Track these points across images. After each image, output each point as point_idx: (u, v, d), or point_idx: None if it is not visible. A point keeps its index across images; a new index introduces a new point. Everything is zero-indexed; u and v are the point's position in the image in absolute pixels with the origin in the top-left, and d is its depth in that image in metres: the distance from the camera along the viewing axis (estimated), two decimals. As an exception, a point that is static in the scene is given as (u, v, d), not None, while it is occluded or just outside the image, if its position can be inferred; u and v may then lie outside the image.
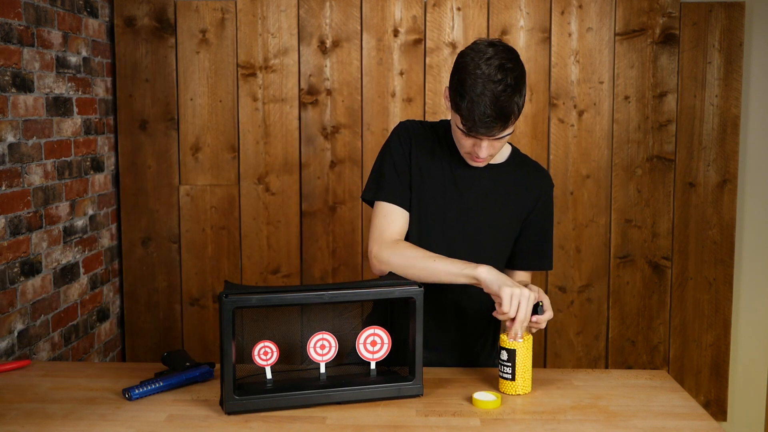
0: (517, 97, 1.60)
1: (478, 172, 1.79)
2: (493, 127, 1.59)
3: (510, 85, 1.58)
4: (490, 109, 1.57)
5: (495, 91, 1.57)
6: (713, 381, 3.14)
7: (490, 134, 1.61)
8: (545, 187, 1.85)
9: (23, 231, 2.35)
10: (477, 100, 1.57)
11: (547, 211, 1.87)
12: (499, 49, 1.63)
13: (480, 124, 1.59)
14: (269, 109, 3.04)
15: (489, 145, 1.65)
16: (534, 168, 1.87)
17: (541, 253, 1.87)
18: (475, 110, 1.57)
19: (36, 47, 2.42)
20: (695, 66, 3.01)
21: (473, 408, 1.53)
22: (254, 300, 1.49)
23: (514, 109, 1.59)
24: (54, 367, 1.82)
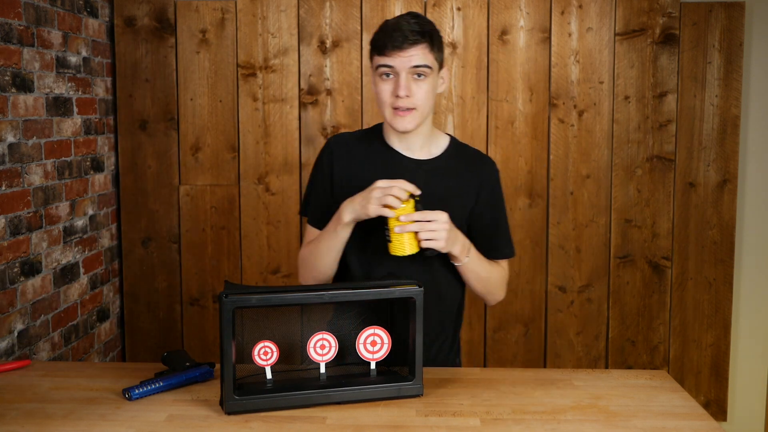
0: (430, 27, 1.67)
1: (413, 167, 1.75)
2: (406, 41, 1.62)
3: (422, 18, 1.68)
4: (403, 25, 1.64)
5: (407, 18, 1.66)
6: (713, 381, 3.14)
7: (402, 49, 1.62)
8: (487, 174, 1.80)
9: (23, 231, 2.35)
10: (391, 24, 1.66)
11: (493, 199, 1.81)
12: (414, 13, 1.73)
13: (394, 38, 1.63)
14: (269, 109, 3.04)
15: (407, 80, 1.64)
16: (473, 155, 1.82)
17: (494, 244, 1.82)
18: (388, 28, 1.66)
19: (36, 47, 2.42)
20: (695, 66, 3.01)
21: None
22: (254, 300, 1.49)
23: (428, 30, 1.65)
24: (54, 367, 1.82)
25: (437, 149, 1.80)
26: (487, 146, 3.03)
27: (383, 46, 1.65)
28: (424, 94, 1.67)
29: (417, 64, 1.64)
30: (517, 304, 3.10)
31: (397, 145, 1.78)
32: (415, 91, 1.66)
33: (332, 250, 1.73)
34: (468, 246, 1.71)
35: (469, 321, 3.09)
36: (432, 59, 1.66)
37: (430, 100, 1.69)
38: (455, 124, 3.02)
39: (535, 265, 3.08)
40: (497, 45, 3.00)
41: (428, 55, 1.65)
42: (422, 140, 1.77)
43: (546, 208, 3.06)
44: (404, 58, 1.64)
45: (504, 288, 1.86)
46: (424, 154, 1.78)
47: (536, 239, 3.07)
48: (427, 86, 1.67)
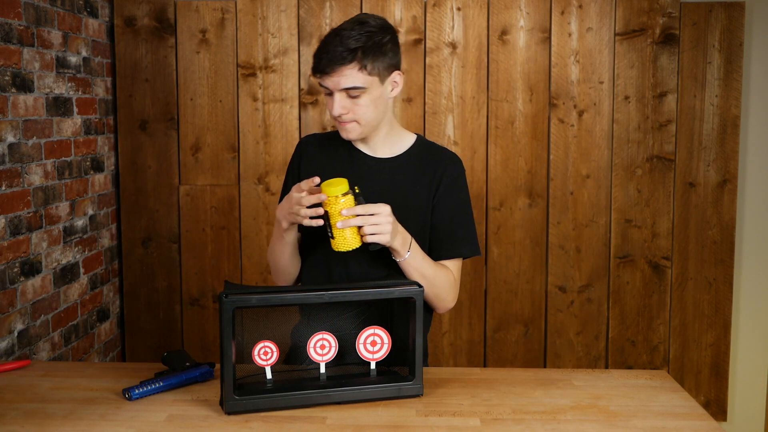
0: (365, 41, 1.63)
1: (376, 166, 1.77)
2: (330, 64, 1.62)
3: (357, 28, 1.64)
4: (331, 45, 1.63)
5: (341, 33, 1.64)
6: (713, 381, 3.14)
7: (328, 74, 1.63)
8: (447, 168, 1.77)
9: (23, 231, 2.35)
10: (326, 41, 1.65)
11: (452, 195, 1.77)
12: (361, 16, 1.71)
13: (322, 61, 1.63)
14: (269, 109, 3.04)
15: (341, 98, 1.65)
16: (437, 153, 1.81)
17: (453, 240, 1.77)
18: (320, 48, 1.65)
19: (36, 47, 2.42)
20: (695, 66, 3.01)
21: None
22: (254, 300, 1.49)
23: (359, 47, 1.62)
24: (54, 367, 1.82)
25: (401, 148, 1.80)
26: (487, 146, 3.03)
27: (314, 68, 1.67)
28: (363, 109, 1.67)
29: (345, 87, 1.64)
30: (517, 304, 3.10)
31: (361, 146, 1.80)
32: (352, 107, 1.67)
33: (285, 253, 1.76)
34: (409, 241, 1.67)
35: (469, 321, 3.09)
36: (364, 78, 1.64)
37: (370, 112, 1.69)
38: (455, 124, 3.02)
39: (535, 265, 3.08)
40: (497, 45, 3.00)
41: (358, 75, 1.63)
42: (382, 141, 1.78)
43: (546, 208, 3.06)
44: (333, 80, 1.65)
45: (452, 293, 1.77)
46: (386, 152, 1.79)
47: (536, 239, 3.07)
48: (364, 101, 1.67)
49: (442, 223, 1.77)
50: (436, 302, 1.76)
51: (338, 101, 1.66)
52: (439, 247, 1.77)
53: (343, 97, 1.66)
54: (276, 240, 1.76)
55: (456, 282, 1.77)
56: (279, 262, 1.80)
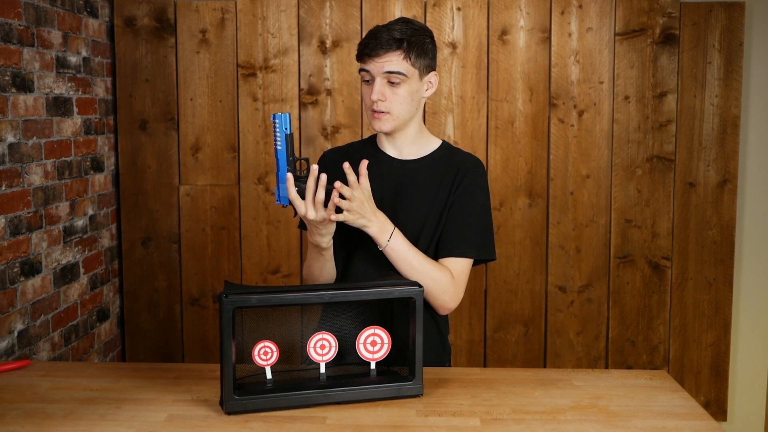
0: (411, 34, 1.70)
1: (399, 167, 1.80)
2: (378, 47, 1.68)
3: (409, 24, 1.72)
4: (382, 32, 1.70)
5: (391, 25, 1.72)
6: (713, 381, 3.14)
7: (375, 56, 1.69)
8: (466, 170, 1.79)
9: (23, 231, 2.35)
10: (374, 31, 1.72)
11: (470, 196, 1.78)
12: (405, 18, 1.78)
13: (369, 44, 1.70)
14: (269, 109, 3.04)
15: (381, 83, 1.70)
16: (460, 156, 1.84)
17: (459, 239, 1.76)
18: (369, 34, 1.72)
19: (36, 47, 2.42)
20: (695, 66, 3.01)
21: (472, 410, 1.53)
22: (254, 300, 1.49)
23: (406, 38, 1.69)
24: (54, 367, 1.82)
25: (426, 151, 1.83)
26: (487, 146, 3.03)
27: (360, 52, 1.73)
28: (399, 99, 1.72)
29: (389, 70, 1.69)
30: (517, 304, 3.10)
31: (387, 148, 1.84)
32: (390, 96, 1.72)
33: (325, 267, 1.79)
34: (390, 229, 1.69)
35: (469, 321, 3.09)
36: (407, 66, 1.70)
37: (406, 104, 1.73)
38: (455, 124, 3.02)
39: (535, 265, 3.08)
40: (497, 45, 3.00)
41: (402, 63, 1.70)
42: (409, 142, 1.82)
43: (546, 208, 3.06)
44: (378, 63, 1.70)
45: (450, 293, 1.75)
46: (412, 154, 1.83)
47: (536, 239, 3.07)
48: (402, 92, 1.72)
49: (452, 223, 1.78)
50: (430, 300, 1.75)
51: (378, 86, 1.71)
52: (443, 245, 1.77)
53: (383, 83, 1.71)
54: (314, 259, 1.78)
55: (455, 282, 1.75)
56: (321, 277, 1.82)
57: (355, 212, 1.64)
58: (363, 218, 1.66)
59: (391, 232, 1.69)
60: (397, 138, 1.81)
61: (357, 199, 1.63)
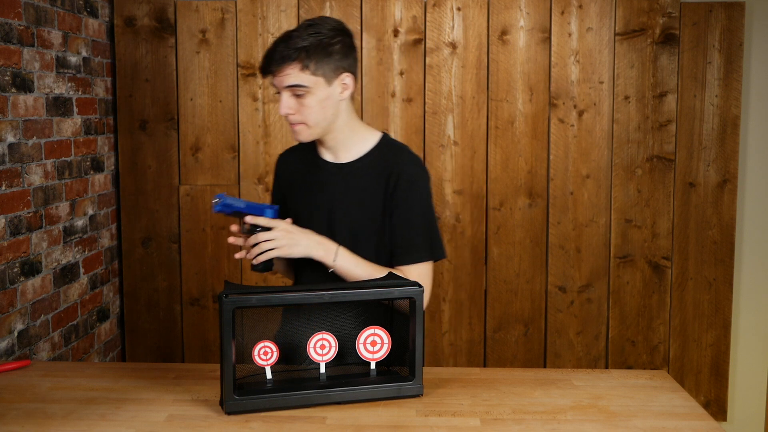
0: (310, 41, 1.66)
1: (336, 172, 1.78)
2: (272, 64, 1.66)
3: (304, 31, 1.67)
4: (276, 44, 1.67)
5: (287, 34, 1.68)
6: (713, 381, 3.14)
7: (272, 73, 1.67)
8: (404, 169, 1.74)
9: (23, 231, 2.35)
10: (274, 43, 1.69)
11: (406, 197, 1.73)
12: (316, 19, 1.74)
13: (265, 61, 1.68)
14: (269, 109, 3.04)
15: (286, 97, 1.68)
16: (396, 154, 1.78)
17: (403, 245, 1.73)
18: (269, 49, 1.69)
19: (36, 47, 2.42)
20: (695, 66, 3.01)
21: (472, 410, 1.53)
22: (254, 300, 1.49)
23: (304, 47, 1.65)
24: (54, 367, 1.82)
25: (362, 150, 1.79)
26: (487, 146, 3.03)
27: (261, 68, 1.71)
28: (309, 110, 1.69)
29: (289, 85, 1.67)
30: (517, 304, 3.10)
31: (323, 153, 1.82)
32: (298, 107, 1.70)
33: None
34: (334, 249, 1.68)
35: (469, 321, 3.09)
36: (307, 77, 1.66)
37: (318, 113, 1.70)
38: (455, 124, 3.02)
39: (535, 265, 3.08)
40: (497, 45, 3.00)
41: (300, 75, 1.65)
42: (341, 145, 1.78)
43: (546, 208, 3.06)
44: (277, 78, 1.68)
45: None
46: (348, 156, 1.79)
47: (536, 239, 3.07)
48: (310, 102, 1.68)
49: (398, 228, 1.73)
50: None
51: (284, 100, 1.70)
52: (397, 254, 1.74)
53: (288, 96, 1.69)
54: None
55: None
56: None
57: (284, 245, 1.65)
58: (299, 245, 1.66)
59: (335, 251, 1.68)
60: (327, 142, 1.78)
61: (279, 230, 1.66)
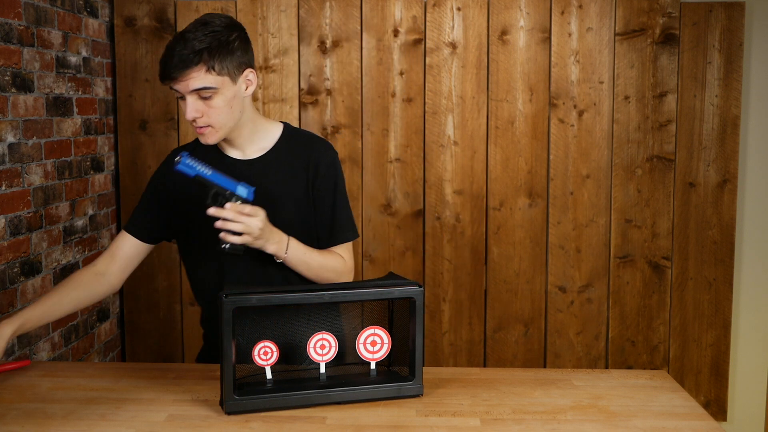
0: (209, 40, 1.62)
1: (246, 169, 1.76)
2: (175, 69, 1.60)
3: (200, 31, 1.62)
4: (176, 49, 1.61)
5: (188, 34, 1.62)
6: (713, 381, 3.14)
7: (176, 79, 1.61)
8: (317, 156, 1.77)
9: (23, 231, 2.35)
10: (169, 47, 1.63)
11: (327, 182, 1.78)
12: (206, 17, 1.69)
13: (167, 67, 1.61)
14: (269, 109, 3.04)
15: (193, 101, 1.63)
16: (304, 140, 1.80)
17: (334, 229, 1.79)
18: (165, 54, 1.63)
19: (36, 47, 2.42)
20: (695, 66, 3.01)
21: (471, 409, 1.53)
22: (254, 300, 1.49)
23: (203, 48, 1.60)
24: (54, 367, 1.82)
25: (269, 143, 1.79)
26: (487, 146, 3.03)
27: (161, 75, 1.65)
28: (217, 111, 1.66)
29: (195, 88, 1.63)
30: (517, 304, 3.10)
31: (229, 151, 1.80)
32: (205, 110, 1.66)
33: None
34: (285, 241, 1.68)
35: (469, 321, 3.09)
36: (213, 78, 1.63)
37: (226, 114, 1.68)
38: (455, 124, 3.02)
39: (535, 265, 3.08)
40: (497, 45, 3.00)
41: (206, 77, 1.62)
42: (247, 141, 1.78)
43: (546, 208, 3.06)
44: (182, 83, 1.63)
45: (346, 276, 1.80)
46: (254, 151, 1.79)
47: (536, 239, 3.07)
48: (218, 103, 1.66)
49: (325, 213, 1.78)
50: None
51: (191, 105, 1.64)
52: (327, 236, 1.78)
53: (195, 100, 1.64)
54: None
55: (348, 265, 1.80)
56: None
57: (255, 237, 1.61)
58: (265, 240, 1.64)
59: (286, 242, 1.68)
60: (234, 141, 1.77)
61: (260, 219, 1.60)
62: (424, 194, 3.05)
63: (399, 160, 3.02)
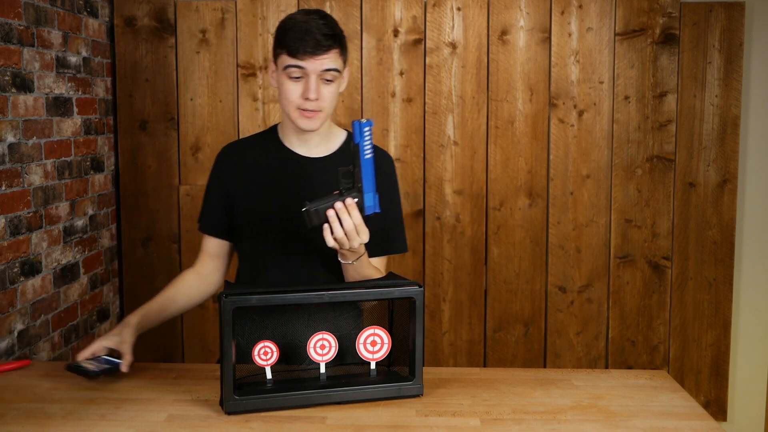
0: (339, 29, 1.68)
1: (309, 165, 1.77)
2: (319, 46, 1.62)
3: (330, 19, 1.68)
4: (313, 27, 1.63)
5: (317, 20, 1.65)
6: (713, 381, 3.14)
7: (315, 55, 1.62)
8: (381, 166, 1.77)
9: (23, 231, 2.35)
10: (302, 25, 1.64)
11: (388, 191, 1.78)
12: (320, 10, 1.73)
13: (307, 41, 1.62)
14: (269, 109, 3.04)
15: (317, 82, 1.65)
16: None
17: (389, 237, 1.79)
18: (298, 29, 1.64)
19: (36, 47, 2.42)
20: (695, 66, 3.01)
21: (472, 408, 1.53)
22: (254, 300, 1.49)
23: (338, 33, 1.66)
24: (54, 367, 1.82)
25: (334, 145, 1.81)
26: (487, 146, 3.03)
27: (295, 49, 1.64)
28: (331, 96, 1.69)
29: (328, 68, 1.66)
30: (517, 304, 3.10)
31: (295, 145, 1.80)
32: (323, 93, 1.68)
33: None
34: (362, 253, 1.67)
35: (469, 321, 3.09)
36: (341, 63, 1.69)
37: (334, 101, 1.72)
38: (455, 124, 3.02)
39: (535, 265, 3.08)
40: (497, 45, 3.00)
41: (338, 59, 1.68)
42: (320, 138, 1.79)
43: (546, 208, 3.06)
44: (317, 61, 1.64)
45: None
46: (320, 151, 1.80)
47: (536, 239, 3.07)
48: (334, 89, 1.69)
49: (380, 222, 1.76)
50: None
51: (314, 84, 1.66)
52: (376, 245, 1.76)
53: (317, 80, 1.66)
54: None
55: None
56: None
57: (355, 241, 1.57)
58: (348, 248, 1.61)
59: (362, 254, 1.67)
60: (308, 135, 1.77)
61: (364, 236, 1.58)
62: (424, 194, 3.05)
63: (399, 160, 3.02)
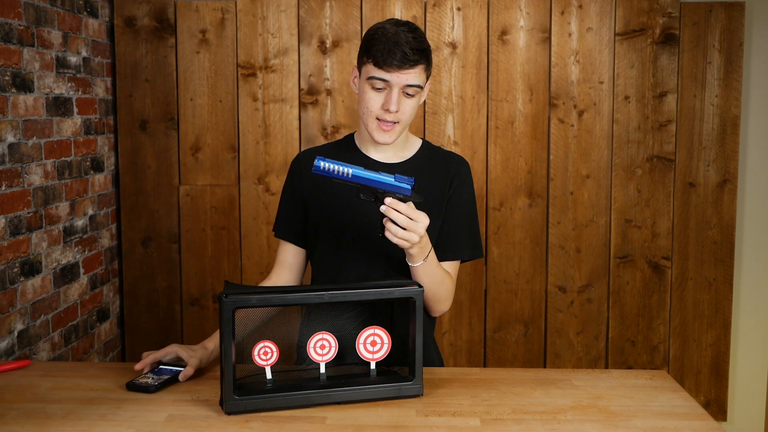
0: (427, 44, 1.67)
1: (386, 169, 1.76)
2: (407, 61, 1.62)
3: (419, 33, 1.67)
4: (402, 41, 1.63)
5: (406, 33, 1.65)
6: (713, 381, 3.14)
7: (401, 69, 1.63)
8: (459, 170, 1.80)
9: (23, 231, 2.35)
10: (391, 37, 1.64)
11: (462, 196, 1.80)
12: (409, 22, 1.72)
13: (395, 54, 1.62)
14: (269, 109, 3.04)
15: (399, 95, 1.66)
16: (444, 155, 1.84)
17: (457, 243, 1.79)
18: (387, 40, 1.63)
19: (36, 47, 2.42)
20: (695, 66, 3.01)
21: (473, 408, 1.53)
22: (254, 300, 1.49)
23: (425, 48, 1.66)
24: (54, 367, 1.82)
25: (409, 152, 1.83)
26: (487, 146, 3.03)
27: (382, 61, 1.64)
28: (410, 110, 1.70)
29: (412, 84, 1.66)
30: (517, 304, 3.10)
31: (371, 152, 1.81)
32: (404, 107, 1.69)
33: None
34: (428, 250, 1.66)
35: (469, 321, 3.09)
36: (424, 79, 1.69)
37: (412, 113, 1.72)
38: (455, 124, 3.02)
39: (535, 265, 3.08)
40: (497, 45, 3.00)
41: (422, 75, 1.68)
42: (400, 145, 1.81)
43: (546, 208, 3.06)
44: (402, 76, 1.65)
45: (451, 297, 1.81)
46: (397, 157, 1.81)
47: (536, 239, 3.07)
48: (414, 103, 1.70)
49: (449, 226, 1.79)
50: (435, 305, 1.78)
51: (397, 96, 1.66)
52: (443, 249, 1.78)
53: (399, 94, 1.67)
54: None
55: (454, 285, 1.81)
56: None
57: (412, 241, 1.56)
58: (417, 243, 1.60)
59: (430, 249, 1.67)
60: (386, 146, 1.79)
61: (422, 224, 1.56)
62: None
63: (399, 160, 3.02)
